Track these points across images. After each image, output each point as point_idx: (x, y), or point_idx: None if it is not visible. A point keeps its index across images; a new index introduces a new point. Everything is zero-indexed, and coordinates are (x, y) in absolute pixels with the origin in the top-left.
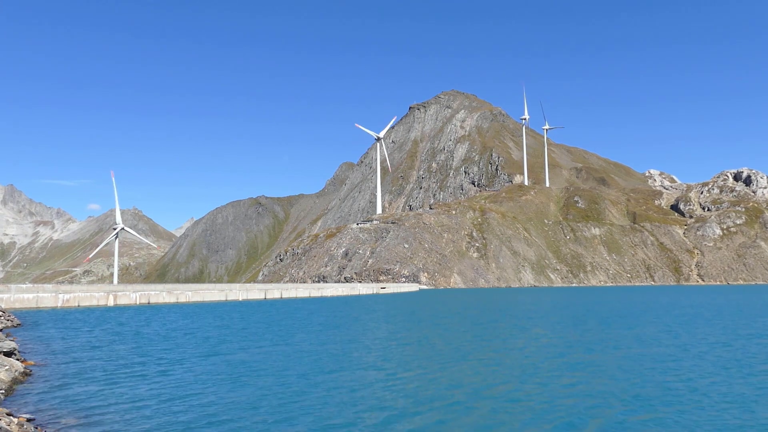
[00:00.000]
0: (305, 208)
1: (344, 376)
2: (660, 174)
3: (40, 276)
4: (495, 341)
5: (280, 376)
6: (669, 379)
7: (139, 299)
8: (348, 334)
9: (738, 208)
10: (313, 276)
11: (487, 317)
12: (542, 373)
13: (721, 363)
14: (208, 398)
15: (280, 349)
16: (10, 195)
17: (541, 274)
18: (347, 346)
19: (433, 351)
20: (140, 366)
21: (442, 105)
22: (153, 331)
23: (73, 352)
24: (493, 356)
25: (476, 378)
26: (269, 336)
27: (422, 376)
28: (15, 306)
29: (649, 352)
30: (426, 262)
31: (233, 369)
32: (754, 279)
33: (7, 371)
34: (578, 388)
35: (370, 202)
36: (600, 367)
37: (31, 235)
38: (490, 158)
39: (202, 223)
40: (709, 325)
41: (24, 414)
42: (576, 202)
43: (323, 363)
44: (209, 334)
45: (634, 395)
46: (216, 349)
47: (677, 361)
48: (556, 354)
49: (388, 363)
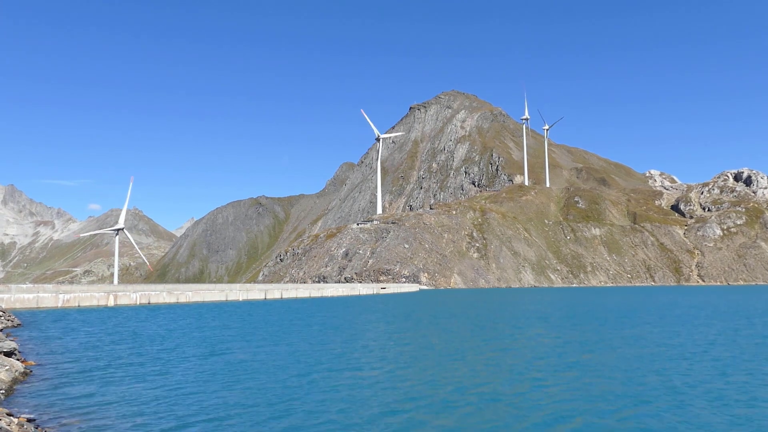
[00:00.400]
0: (305, 209)
1: (344, 376)
2: (660, 174)
3: (40, 276)
4: (495, 341)
5: (279, 376)
6: (669, 378)
7: (140, 299)
8: (348, 334)
9: (738, 208)
10: (313, 276)
11: (487, 317)
12: (542, 373)
13: (720, 362)
14: (208, 398)
15: (280, 348)
16: (10, 195)
17: (542, 274)
18: (347, 346)
19: (433, 351)
20: (140, 366)
21: (442, 105)
22: (153, 331)
23: (73, 352)
24: (493, 356)
25: (476, 377)
26: (269, 336)
27: (421, 376)
28: (15, 306)
29: (648, 351)
30: (426, 262)
31: (233, 369)
32: (755, 279)
33: (8, 371)
34: (576, 388)
35: (371, 203)
36: (598, 367)
37: (31, 235)
38: (490, 158)
39: (203, 223)
40: (710, 325)
41: (24, 414)
42: (576, 202)
43: (323, 363)
44: (209, 334)
45: (634, 395)
46: (216, 349)
47: (675, 361)
48: (555, 354)
49: (388, 363)
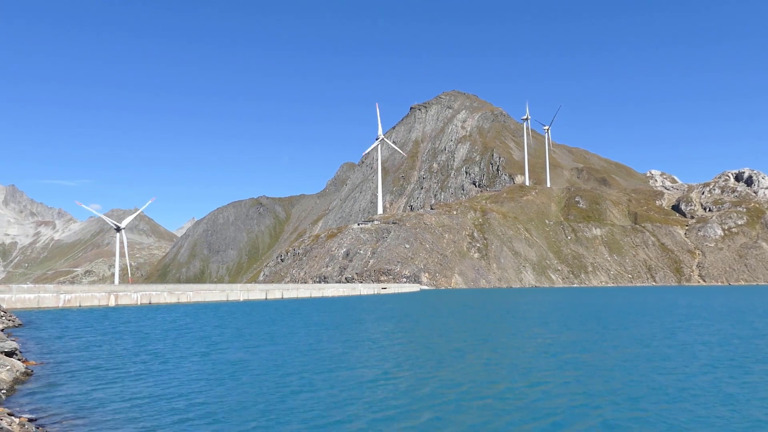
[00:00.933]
0: (306, 209)
1: (343, 375)
2: (661, 174)
3: (41, 276)
4: (494, 341)
5: (279, 376)
6: (666, 379)
7: (141, 299)
8: (347, 333)
9: (739, 208)
10: (314, 276)
11: (487, 317)
12: (540, 373)
13: (718, 363)
14: (209, 397)
15: (280, 348)
16: (11, 195)
17: (542, 274)
18: (346, 345)
19: (432, 350)
20: (141, 365)
21: (443, 105)
22: (154, 331)
23: (74, 352)
24: (491, 356)
25: (474, 377)
26: (269, 336)
27: (420, 376)
28: (16, 306)
29: (645, 351)
30: (427, 262)
31: (234, 368)
32: (756, 280)
33: (9, 371)
34: (574, 388)
35: (371, 203)
36: (597, 367)
37: (32, 236)
38: (491, 158)
39: (203, 224)
40: (709, 325)
41: (25, 414)
42: (577, 202)
43: (322, 362)
44: (210, 334)
45: (631, 395)
46: (217, 349)
47: (670, 360)
48: (554, 354)
49: (387, 362)
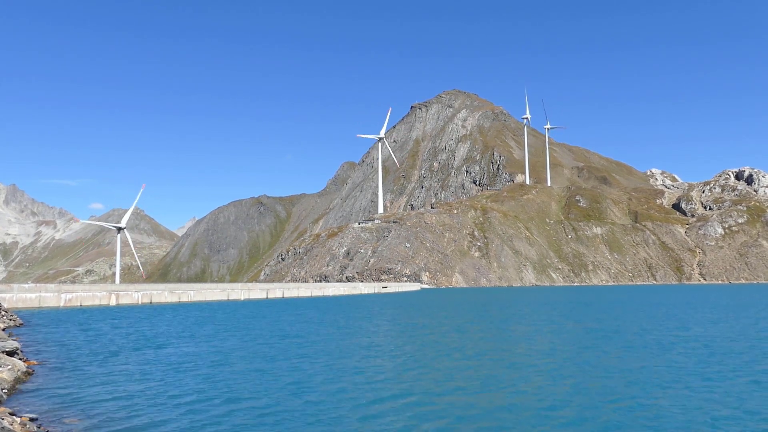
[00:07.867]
0: (307, 208)
1: (343, 375)
2: (662, 173)
3: (42, 275)
4: (494, 341)
5: (279, 375)
6: (666, 378)
7: (142, 299)
8: (348, 333)
9: (740, 207)
10: (315, 275)
11: (487, 317)
12: (539, 373)
13: (719, 362)
14: (211, 396)
15: (279, 348)
16: (12, 195)
17: (543, 273)
18: (346, 345)
19: (432, 350)
20: (142, 365)
21: (443, 104)
22: (154, 331)
23: (75, 351)
24: (491, 355)
25: (474, 378)
26: (269, 336)
27: (420, 375)
28: (18, 305)
29: (644, 351)
30: (428, 261)
31: (235, 368)
32: (756, 278)
33: (10, 371)
34: (572, 388)
35: (372, 202)
36: (596, 367)
37: (33, 235)
38: (491, 157)
39: (204, 223)
40: (710, 325)
41: (27, 413)
42: (578, 201)
43: (322, 362)
44: (210, 334)
45: (631, 396)
46: (218, 348)
47: (670, 360)
48: (552, 353)
49: (388, 362)
